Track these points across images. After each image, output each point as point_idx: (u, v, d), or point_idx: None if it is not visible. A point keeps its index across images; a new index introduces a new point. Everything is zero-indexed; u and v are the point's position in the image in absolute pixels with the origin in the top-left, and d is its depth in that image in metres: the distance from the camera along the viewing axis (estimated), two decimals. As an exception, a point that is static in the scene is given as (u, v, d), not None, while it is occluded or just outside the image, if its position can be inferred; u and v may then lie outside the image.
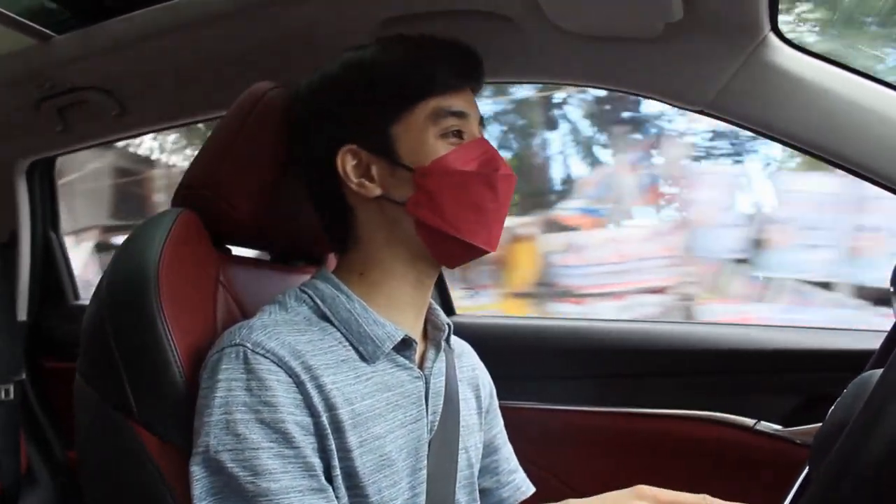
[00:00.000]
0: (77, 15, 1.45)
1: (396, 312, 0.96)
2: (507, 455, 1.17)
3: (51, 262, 2.08)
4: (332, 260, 1.19)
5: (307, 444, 0.83)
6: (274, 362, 0.83)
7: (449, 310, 1.87)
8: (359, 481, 0.86)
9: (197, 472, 0.81)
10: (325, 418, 0.84)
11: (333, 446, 0.85)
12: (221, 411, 0.81)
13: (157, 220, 1.00)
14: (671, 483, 1.14)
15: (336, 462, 0.85)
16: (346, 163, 0.95)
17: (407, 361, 0.96)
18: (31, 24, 1.43)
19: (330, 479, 0.85)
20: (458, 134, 0.95)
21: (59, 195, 2.11)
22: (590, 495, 1.18)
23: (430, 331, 1.04)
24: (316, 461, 0.83)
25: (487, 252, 0.96)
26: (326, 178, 0.97)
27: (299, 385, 0.84)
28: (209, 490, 0.80)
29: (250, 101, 1.05)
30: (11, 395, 1.88)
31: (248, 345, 0.84)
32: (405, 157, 0.93)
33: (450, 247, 0.95)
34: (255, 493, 0.79)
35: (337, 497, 0.85)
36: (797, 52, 1.18)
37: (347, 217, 0.98)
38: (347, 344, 0.92)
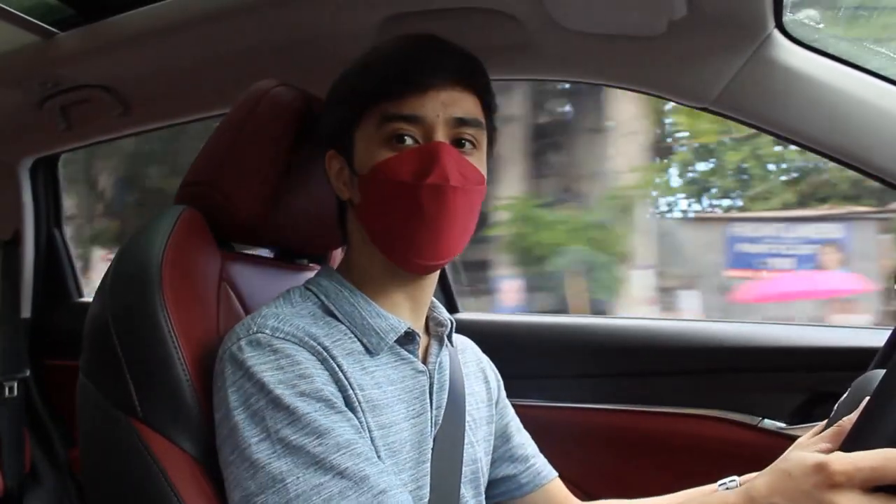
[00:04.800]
0: (80, 12, 1.45)
1: (391, 309, 0.96)
2: (523, 441, 1.18)
3: (54, 260, 2.08)
4: (336, 257, 1.20)
5: (347, 409, 0.84)
6: (295, 343, 0.85)
7: (452, 308, 1.87)
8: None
9: (262, 458, 0.79)
10: (351, 393, 0.86)
11: (363, 420, 0.86)
12: (263, 394, 0.81)
13: (161, 217, 1.00)
14: (674, 481, 1.14)
15: (365, 434, 0.86)
16: (332, 166, 0.98)
17: (410, 355, 0.97)
18: (34, 21, 1.43)
19: None
20: (410, 138, 0.90)
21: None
22: (594, 494, 1.19)
23: (432, 327, 1.04)
24: (357, 423, 0.84)
25: (431, 263, 0.94)
26: (324, 177, 1.00)
27: (323, 361, 0.85)
28: (278, 474, 0.78)
29: (254, 98, 1.05)
30: (15, 393, 1.88)
31: (267, 331, 0.85)
32: (357, 162, 0.94)
33: (395, 254, 0.94)
34: (327, 451, 0.79)
35: None
36: (802, 49, 1.18)
37: (342, 216, 1.02)
38: (353, 336, 0.92)
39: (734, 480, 1.08)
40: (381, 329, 0.93)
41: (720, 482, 1.09)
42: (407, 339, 0.96)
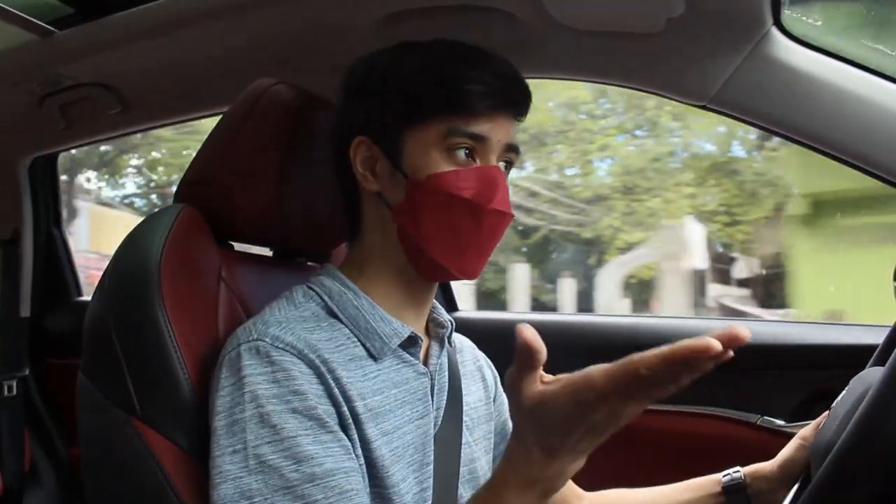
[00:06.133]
0: (79, 10, 1.44)
1: (394, 311, 0.96)
2: None
3: (53, 259, 2.08)
4: (337, 257, 1.19)
5: (339, 429, 0.84)
6: (294, 355, 0.84)
7: (452, 306, 1.87)
8: (377, 472, 0.87)
9: (233, 470, 0.79)
10: (345, 409, 0.85)
11: (356, 436, 0.86)
12: (253, 406, 0.81)
13: (159, 216, 0.99)
14: (672, 479, 1.14)
15: (360, 451, 0.86)
16: (359, 152, 0.96)
17: (413, 358, 0.97)
18: (32, 19, 1.42)
19: None
20: (470, 155, 0.93)
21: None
22: (592, 490, 1.19)
23: (433, 328, 1.04)
24: (348, 444, 0.84)
25: (459, 278, 0.96)
26: (342, 160, 0.98)
27: (320, 376, 0.84)
28: (246, 490, 0.78)
29: (253, 96, 1.05)
30: (15, 392, 1.88)
31: (267, 339, 0.84)
32: (406, 163, 0.93)
33: (424, 261, 0.95)
34: (301, 479, 0.78)
35: None
36: (800, 47, 1.17)
37: (356, 205, 1.00)
38: (356, 340, 0.92)
39: (738, 471, 1.08)
40: (384, 334, 0.93)
41: (724, 473, 1.09)
42: (409, 342, 0.96)
